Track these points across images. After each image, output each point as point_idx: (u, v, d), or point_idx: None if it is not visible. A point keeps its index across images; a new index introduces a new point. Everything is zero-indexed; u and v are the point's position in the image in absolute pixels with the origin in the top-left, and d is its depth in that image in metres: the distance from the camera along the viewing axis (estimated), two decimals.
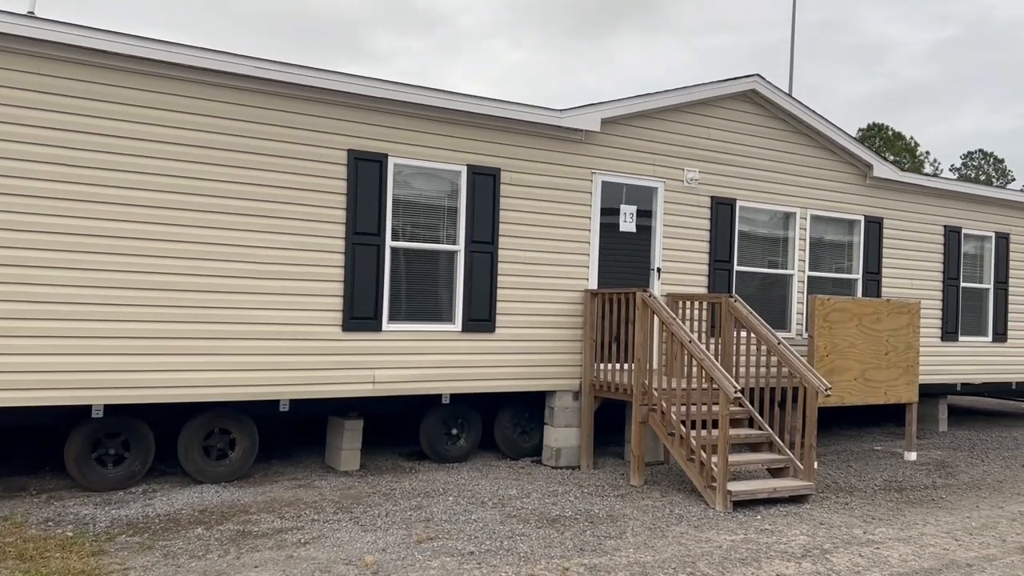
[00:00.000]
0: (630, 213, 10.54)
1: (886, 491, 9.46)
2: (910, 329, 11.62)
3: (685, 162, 10.94)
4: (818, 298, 10.82)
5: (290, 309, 8.37)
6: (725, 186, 11.28)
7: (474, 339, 9.40)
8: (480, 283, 9.40)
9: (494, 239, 9.49)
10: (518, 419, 10.38)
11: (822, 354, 10.80)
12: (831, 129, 12.02)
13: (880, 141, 57.82)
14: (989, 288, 14.34)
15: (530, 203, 9.77)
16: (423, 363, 9.09)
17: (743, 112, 11.43)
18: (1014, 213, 14.57)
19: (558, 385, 10.00)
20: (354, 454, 9.34)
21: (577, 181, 10.09)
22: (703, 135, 11.07)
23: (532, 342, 9.79)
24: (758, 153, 11.57)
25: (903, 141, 58.58)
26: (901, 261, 13.08)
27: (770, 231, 11.89)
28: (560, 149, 9.96)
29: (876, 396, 11.35)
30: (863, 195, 12.62)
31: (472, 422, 10.05)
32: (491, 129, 9.47)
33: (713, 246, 11.18)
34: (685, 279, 10.97)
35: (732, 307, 9.85)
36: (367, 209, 8.72)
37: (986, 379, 14.29)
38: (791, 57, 28.98)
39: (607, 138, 10.29)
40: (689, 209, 10.99)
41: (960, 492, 9.58)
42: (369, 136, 8.76)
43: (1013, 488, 9.91)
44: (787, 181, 11.82)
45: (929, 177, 13.30)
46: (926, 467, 11.05)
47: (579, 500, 8.35)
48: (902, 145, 58.10)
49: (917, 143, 59.53)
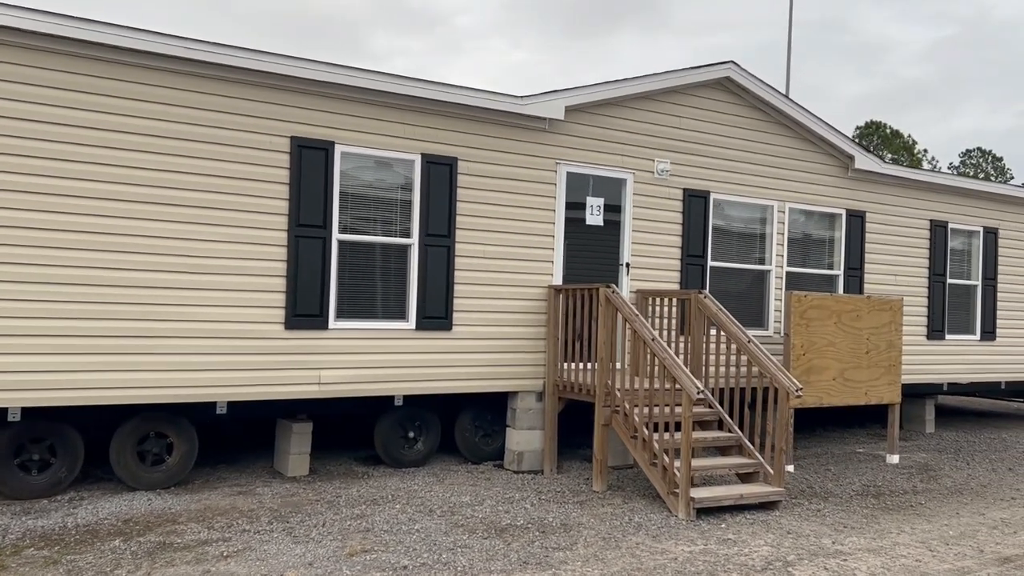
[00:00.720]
0: (597, 206, 10.07)
1: (863, 496, 8.99)
2: (892, 327, 11.16)
3: (656, 153, 10.47)
4: (794, 294, 10.36)
5: (228, 306, 7.90)
6: (698, 178, 10.81)
7: (429, 337, 8.93)
8: (436, 278, 8.93)
9: (451, 232, 9.02)
10: (480, 421, 9.91)
11: (799, 353, 10.34)
12: (810, 119, 11.55)
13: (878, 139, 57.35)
14: (977, 285, 13.88)
15: (490, 194, 9.29)
16: (374, 363, 8.62)
17: (718, 101, 10.96)
18: (1003, 207, 14.11)
19: (520, 386, 9.53)
20: (302, 459, 8.87)
21: (540, 172, 9.63)
22: (675, 125, 10.61)
23: (492, 340, 9.32)
24: (733, 144, 11.10)
25: (901, 139, 58.10)
26: (885, 257, 12.62)
27: (746, 225, 11.42)
28: (522, 138, 9.49)
29: (856, 397, 10.88)
30: (845, 188, 12.15)
31: (430, 425, 9.58)
32: (447, 116, 9.00)
33: (686, 240, 10.72)
34: (656, 275, 10.50)
35: (701, 303, 9.38)
36: (312, 200, 8.25)
37: (974, 379, 13.82)
38: (788, 56, 28.67)
39: (572, 127, 9.82)
40: (660, 202, 10.53)
41: (941, 497, 9.12)
42: (314, 123, 8.29)
43: (997, 493, 9.45)
44: (764, 173, 11.36)
45: (914, 170, 12.83)
46: (908, 471, 10.59)
47: (535, 507, 7.89)
48: (900, 143, 57.61)
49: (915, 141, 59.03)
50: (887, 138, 57.79)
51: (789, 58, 28.37)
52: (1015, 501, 9.06)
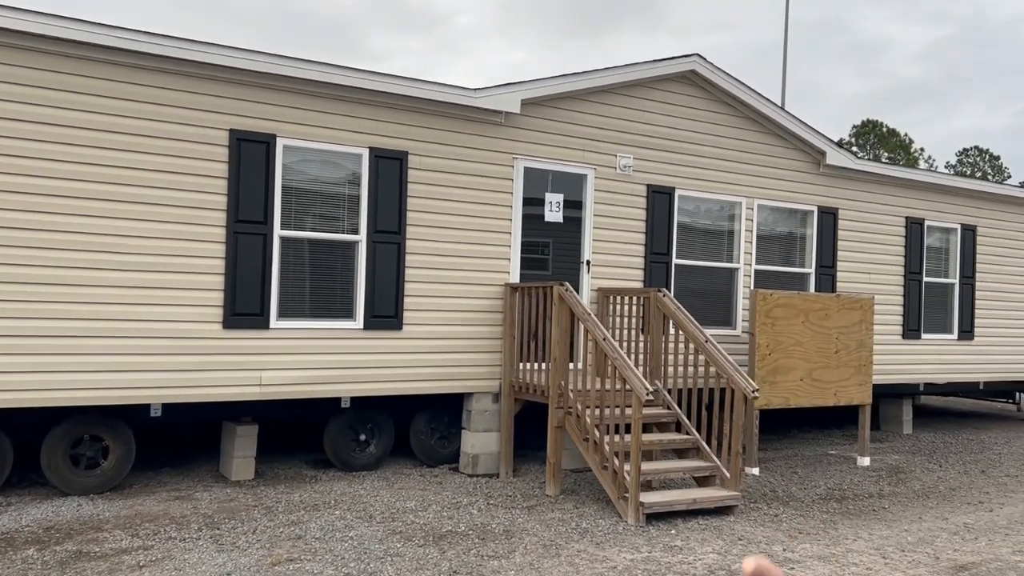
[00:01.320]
0: (556, 202, 9.81)
1: (826, 500, 8.73)
2: (862, 326, 10.90)
3: (618, 147, 10.21)
4: (759, 292, 10.10)
5: (163, 304, 7.63)
6: (663, 173, 10.55)
7: (378, 337, 8.66)
8: (385, 276, 8.66)
9: (401, 228, 8.75)
10: (436, 423, 9.65)
11: (764, 352, 10.08)
12: (779, 113, 11.30)
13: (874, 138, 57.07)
14: (955, 283, 13.62)
15: (443, 189, 9.03)
16: (319, 363, 8.35)
17: (683, 95, 10.70)
18: (982, 204, 13.86)
19: (476, 387, 9.27)
20: (247, 462, 8.60)
21: (497, 167, 9.36)
22: (638, 119, 10.34)
23: (446, 340, 9.06)
24: (700, 139, 10.84)
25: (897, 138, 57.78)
26: (858, 255, 12.36)
27: (714, 222, 11.17)
28: (477, 132, 9.22)
29: (825, 397, 10.63)
30: (816, 184, 11.90)
31: (383, 427, 9.31)
32: (397, 109, 8.73)
33: (649, 238, 10.45)
34: (618, 273, 10.24)
35: (660, 302, 9.12)
36: (252, 194, 7.98)
37: (951, 379, 13.57)
38: (784, 55, 28.44)
39: (530, 120, 9.56)
40: (623, 198, 10.26)
41: (906, 501, 8.86)
42: (255, 115, 8.02)
43: (965, 496, 9.19)
44: (732, 169, 11.10)
45: (888, 165, 12.57)
46: (878, 473, 10.33)
47: (481, 513, 7.62)
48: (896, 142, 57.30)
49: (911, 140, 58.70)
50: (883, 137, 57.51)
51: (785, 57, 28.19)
52: (982, 505, 8.80)
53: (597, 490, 8.55)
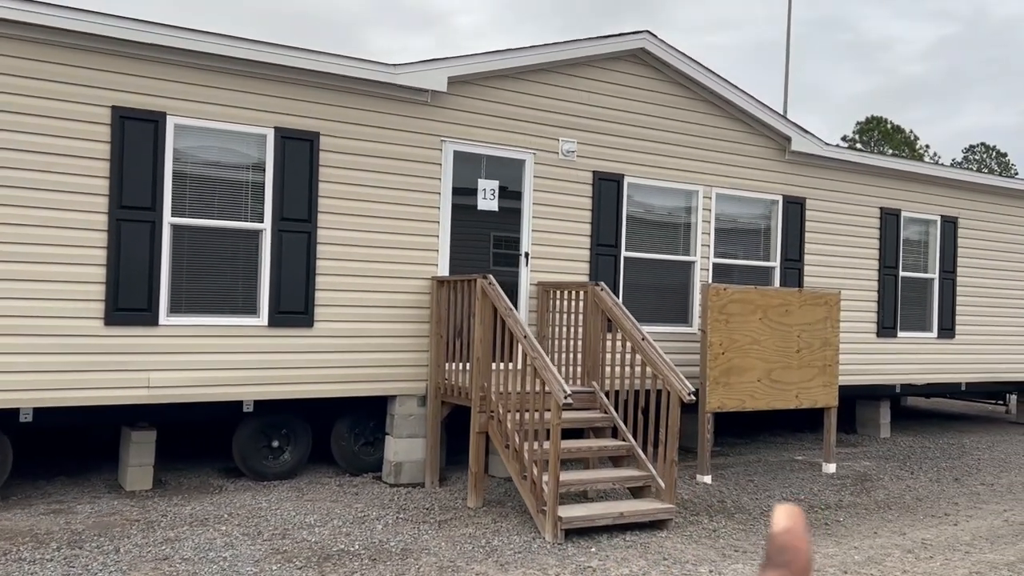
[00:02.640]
0: (491, 189, 9.08)
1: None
2: (827, 323, 10.15)
3: (561, 131, 9.48)
4: (712, 287, 9.36)
5: (35, 299, 6.93)
6: (611, 159, 9.82)
7: (285, 335, 7.95)
8: (293, 268, 7.95)
9: (311, 216, 8.04)
10: (361, 428, 8.93)
11: (717, 352, 9.34)
12: (739, 96, 10.55)
13: (879, 134, 56.11)
14: (934, 278, 12.86)
15: (361, 174, 8.31)
16: (217, 364, 7.64)
17: (633, 75, 9.97)
18: (963, 195, 13.09)
19: (399, 389, 8.56)
20: (144, 471, 7.90)
21: (422, 150, 8.64)
22: (583, 100, 9.61)
23: (364, 338, 8.34)
24: (652, 123, 10.11)
25: (902, 134, 56.78)
26: (827, 247, 11.61)
27: (669, 212, 10.43)
28: (400, 112, 8.51)
29: (786, 400, 9.88)
30: (781, 172, 11.15)
31: (299, 432, 8.60)
32: (306, 86, 8.02)
33: (596, 228, 9.72)
34: (561, 266, 9.51)
35: (597, 296, 8.40)
36: (138, 178, 7.27)
37: (931, 379, 12.81)
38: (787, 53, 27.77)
39: (460, 100, 8.84)
40: (566, 185, 9.53)
41: (866, 513, 8.12)
42: (141, 91, 7.31)
43: (931, 508, 8.45)
44: (688, 155, 10.36)
45: (860, 152, 11.82)
46: (842, 481, 9.59)
47: (386, 529, 6.90)
48: (901, 138, 56.32)
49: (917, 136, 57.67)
50: (888, 133, 56.54)
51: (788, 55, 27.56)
52: (946, 518, 8.06)
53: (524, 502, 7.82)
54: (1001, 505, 8.72)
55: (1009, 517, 8.22)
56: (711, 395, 9.31)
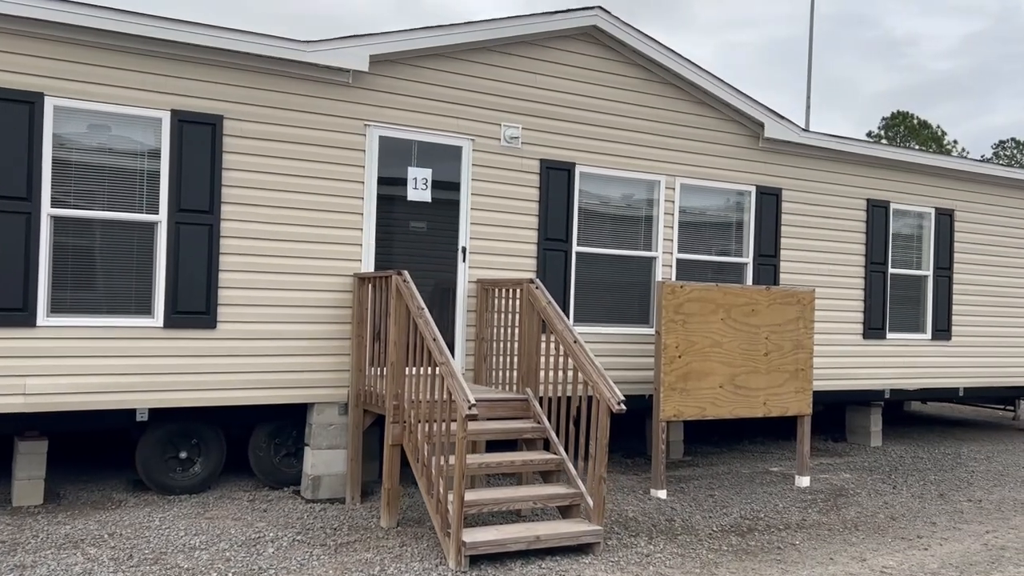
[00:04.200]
0: (423, 178, 8.36)
1: (727, 533, 7.20)
2: (800, 324, 9.32)
3: (503, 116, 8.73)
4: (667, 285, 8.58)
5: None
6: (560, 147, 9.06)
7: (184, 337, 7.26)
8: (193, 264, 7.26)
9: (214, 207, 7.35)
10: (282, 438, 8.23)
11: (672, 355, 8.55)
12: (705, 78, 9.75)
13: (904, 130, 54.68)
14: (928, 276, 11.96)
15: (272, 161, 7.62)
16: (103, 368, 6.96)
17: (586, 56, 9.20)
18: (960, 185, 12.18)
19: (318, 396, 7.85)
20: (33, 485, 7.24)
21: (343, 135, 7.93)
22: (528, 83, 8.86)
23: (278, 341, 7.65)
24: (608, 107, 9.33)
25: (929, 130, 55.24)
26: (806, 242, 10.76)
27: (628, 204, 9.65)
28: (316, 94, 7.80)
29: (752, 407, 9.07)
30: (754, 161, 10.33)
31: (211, 443, 7.91)
32: (207, 65, 7.33)
33: (544, 221, 8.96)
34: (504, 262, 8.76)
35: (532, 295, 7.64)
36: (10, 165, 6.61)
37: (924, 384, 11.91)
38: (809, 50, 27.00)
39: (387, 81, 8.12)
40: (509, 175, 8.79)
41: (827, 535, 7.30)
42: (12, 69, 6.65)
43: (905, 528, 7.61)
44: (648, 143, 9.57)
45: (842, 139, 10.94)
46: (814, 497, 8.76)
47: (275, 553, 6.19)
48: (928, 134, 54.77)
49: (944, 132, 56.02)
50: (914, 129, 55.05)
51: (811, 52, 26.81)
52: (918, 541, 7.22)
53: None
54: (984, 526, 7.87)
55: (990, 540, 7.37)
56: (666, 402, 8.52)
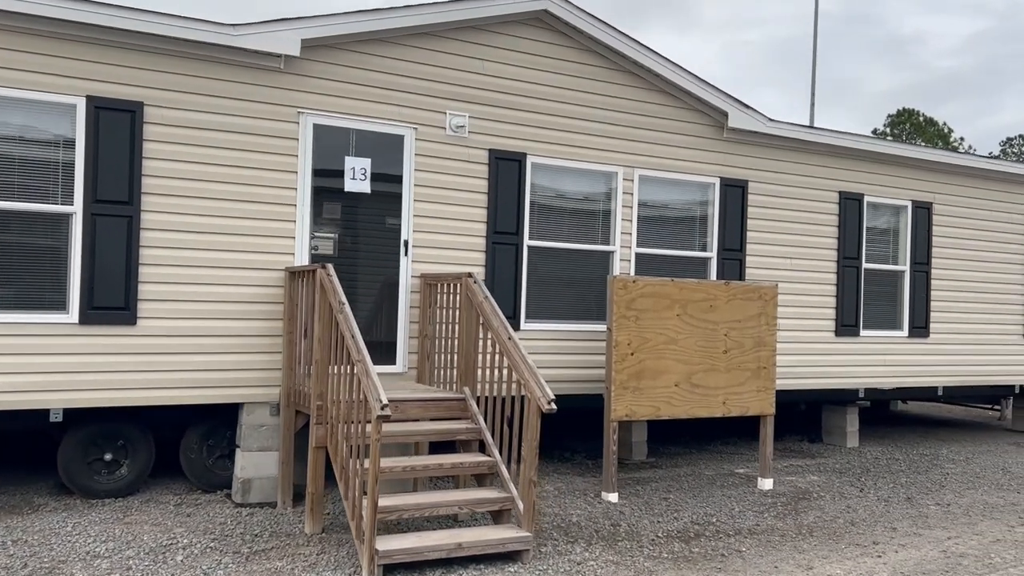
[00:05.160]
0: (361, 168, 8.01)
1: (671, 539, 6.84)
2: (762, 320, 8.95)
3: (448, 103, 8.38)
4: (618, 279, 8.22)
5: None
6: (511, 136, 8.71)
7: (101, 334, 6.93)
8: (111, 257, 6.93)
9: (133, 198, 7.02)
10: (216, 439, 7.90)
11: (624, 352, 8.19)
12: (663, 65, 9.38)
13: (910, 127, 54.08)
14: (905, 271, 11.57)
15: (198, 150, 7.28)
16: (15, 367, 6.63)
17: (537, 42, 8.85)
18: (938, 178, 11.79)
19: (249, 395, 7.52)
20: None
21: (275, 123, 7.59)
22: (476, 69, 8.51)
23: (205, 338, 7.31)
24: (561, 96, 8.98)
25: (935, 127, 54.59)
26: (774, 236, 10.39)
27: (584, 196, 9.29)
28: (245, 79, 7.47)
29: (710, 407, 8.70)
30: (718, 152, 9.96)
31: (138, 444, 7.58)
32: (126, 49, 7.00)
33: (493, 214, 8.62)
34: (451, 256, 8.42)
35: (470, 289, 7.30)
36: None
37: (901, 384, 11.52)
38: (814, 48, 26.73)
39: (322, 67, 7.78)
40: (455, 165, 8.44)
41: (779, 542, 6.94)
42: None
43: (861, 534, 7.24)
44: (604, 132, 9.21)
45: (812, 129, 10.56)
46: (774, 500, 8.39)
47: (183, 562, 5.85)
48: (934, 131, 54.11)
49: (951, 129, 55.34)
50: (920, 126, 54.41)
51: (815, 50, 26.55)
52: (873, 548, 6.85)
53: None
54: (948, 531, 7.49)
55: (950, 547, 6.99)
56: (617, 401, 8.16)
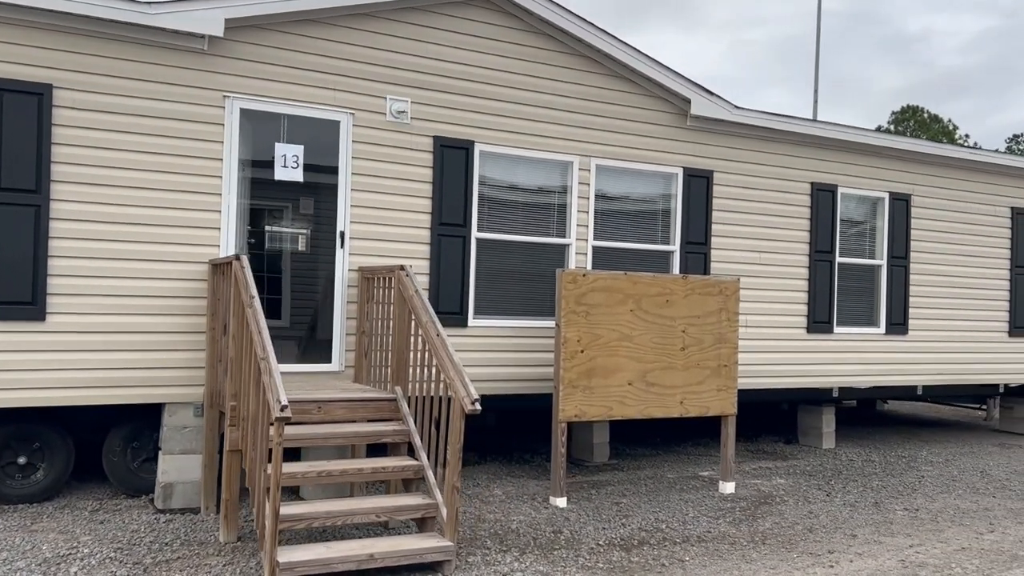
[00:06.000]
0: (293, 155, 7.59)
1: (611, 548, 6.42)
2: (722, 316, 8.53)
3: (389, 88, 7.97)
4: (567, 273, 7.80)
5: None
6: (457, 123, 8.29)
7: (7, 330, 6.53)
8: (16, 249, 6.53)
9: (41, 186, 6.61)
10: (141, 441, 7.50)
11: (574, 349, 7.77)
12: (621, 49, 8.95)
13: (915, 124, 53.50)
14: (882, 265, 11.12)
15: (114, 136, 6.88)
16: None
17: (486, 24, 8.43)
18: (917, 168, 11.34)
19: (171, 395, 7.11)
20: None
21: (199, 107, 7.18)
22: (419, 52, 8.10)
23: (124, 334, 6.90)
24: (512, 81, 8.56)
25: (940, 124, 53.96)
26: (741, 228, 9.96)
27: (538, 187, 8.86)
28: (167, 61, 7.06)
29: (666, 406, 8.27)
30: (681, 140, 9.53)
31: (55, 446, 7.18)
32: (31, 28, 6.59)
33: (438, 204, 8.20)
34: (392, 249, 8.00)
35: (402, 283, 6.89)
36: None
37: (878, 382, 11.07)
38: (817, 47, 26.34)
39: (250, 49, 7.37)
40: (397, 152, 8.02)
41: (728, 549, 6.51)
42: None
43: (818, 542, 6.80)
44: (559, 120, 8.79)
45: (782, 117, 10.12)
46: (733, 505, 7.97)
47: (76, 574, 5.45)
48: (939, 128, 53.49)
49: (956, 126, 54.66)
50: (924, 123, 53.82)
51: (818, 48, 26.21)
52: (828, 556, 6.42)
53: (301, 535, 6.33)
54: (911, 538, 7.06)
55: (910, 556, 6.56)
56: (566, 401, 7.74)
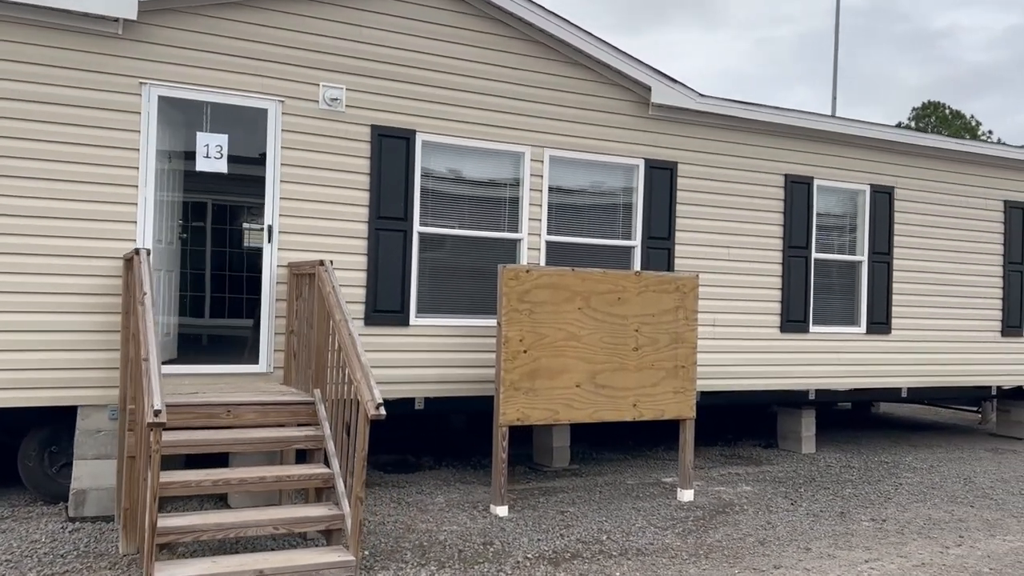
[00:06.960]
0: (216, 145, 7.22)
1: (539, 562, 6.00)
2: (680, 314, 8.07)
3: (322, 74, 7.58)
4: (508, 269, 7.37)
5: None
6: (397, 111, 7.89)
7: None
8: None
9: None
10: (60, 445, 7.14)
11: (516, 349, 7.34)
12: (574, 34, 8.52)
13: (936, 120, 52.62)
14: (863, 261, 10.62)
15: (18, 125, 6.52)
16: None
17: (428, 7, 8.02)
18: (900, 160, 10.83)
19: (84, 397, 6.75)
20: None
21: (113, 95, 6.82)
22: (354, 37, 7.70)
23: (30, 333, 6.55)
24: (458, 68, 8.15)
25: (962, 120, 53.01)
26: (708, 223, 9.49)
27: (487, 179, 8.45)
28: (76, 47, 6.70)
29: (618, 409, 7.83)
30: (642, 131, 9.08)
31: None
32: None
33: (376, 196, 7.80)
34: (326, 243, 7.61)
35: (321, 279, 6.49)
36: None
37: (858, 384, 10.56)
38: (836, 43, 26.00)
39: (169, 33, 7.00)
40: (330, 142, 7.63)
41: (666, 563, 6.07)
42: None
43: (768, 556, 6.34)
44: (509, 108, 8.37)
45: (749, 106, 9.64)
46: (688, 513, 7.52)
47: None
48: (961, 124, 52.51)
49: (979, 122, 53.66)
50: (946, 119, 52.92)
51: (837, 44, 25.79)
52: (774, 572, 5.96)
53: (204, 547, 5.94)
54: (870, 552, 6.58)
55: (863, 571, 6.09)
56: (507, 404, 7.31)
